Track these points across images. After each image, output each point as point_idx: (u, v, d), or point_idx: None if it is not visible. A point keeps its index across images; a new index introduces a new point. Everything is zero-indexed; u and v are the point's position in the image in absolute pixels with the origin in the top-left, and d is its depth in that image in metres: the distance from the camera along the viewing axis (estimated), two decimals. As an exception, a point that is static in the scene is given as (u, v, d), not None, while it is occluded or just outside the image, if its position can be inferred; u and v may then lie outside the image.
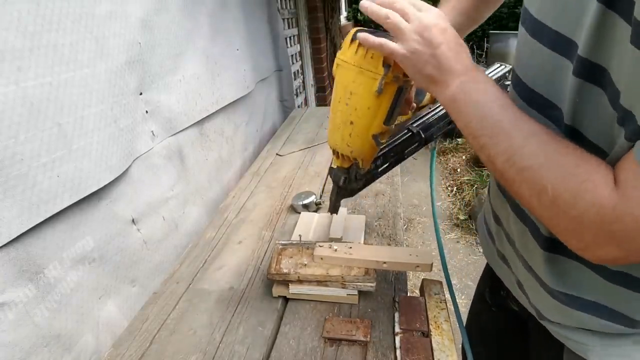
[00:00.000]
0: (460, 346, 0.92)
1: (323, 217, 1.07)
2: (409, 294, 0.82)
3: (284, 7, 2.60)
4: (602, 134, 0.41)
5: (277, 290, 0.82)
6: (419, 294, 0.84)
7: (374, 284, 0.77)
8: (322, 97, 3.52)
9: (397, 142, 0.76)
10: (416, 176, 3.31)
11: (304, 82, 3.20)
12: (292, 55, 2.72)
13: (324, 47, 3.33)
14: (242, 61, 1.60)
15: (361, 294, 0.80)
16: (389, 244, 0.98)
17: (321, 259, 0.82)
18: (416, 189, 3.15)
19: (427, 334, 0.70)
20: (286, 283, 0.81)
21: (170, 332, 0.77)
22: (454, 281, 2.12)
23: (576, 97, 0.43)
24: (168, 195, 1.07)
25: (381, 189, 1.23)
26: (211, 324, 0.78)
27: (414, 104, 0.71)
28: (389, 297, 0.80)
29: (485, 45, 6.30)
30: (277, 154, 1.64)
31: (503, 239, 0.66)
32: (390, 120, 0.59)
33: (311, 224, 1.04)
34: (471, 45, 6.67)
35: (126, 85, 0.88)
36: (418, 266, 0.76)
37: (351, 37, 0.55)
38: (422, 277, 1.26)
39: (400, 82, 0.55)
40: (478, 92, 0.46)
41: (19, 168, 0.63)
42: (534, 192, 0.41)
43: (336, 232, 0.95)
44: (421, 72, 0.49)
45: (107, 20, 0.81)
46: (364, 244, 0.95)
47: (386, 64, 0.53)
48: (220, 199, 1.36)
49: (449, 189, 3.10)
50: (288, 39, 2.63)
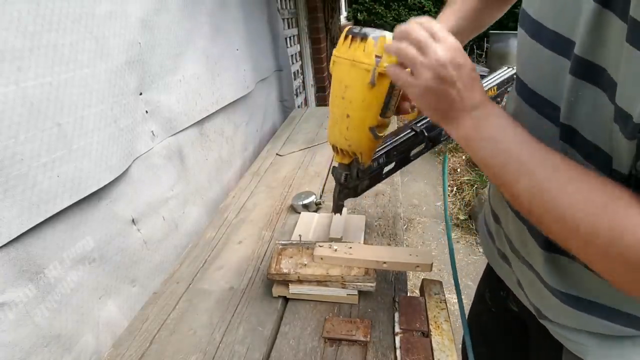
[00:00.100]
0: (461, 346, 0.92)
1: (323, 217, 1.07)
2: (409, 294, 0.82)
3: (284, 7, 2.60)
4: (599, 131, 0.41)
5: (277, 290, 0.82)
6: (419, 294, 0.84)
7: (374, 284, 0.77)
8: (322, 97, 3.51)
9: (400, 140, 0.76)
10: (416, 176, 3.31)
11: (304, 82, 3.19)
12: (292, 55, 2.71)
13: (324, 47, 3.33)
14: (242, 61, 1.60)
15: (361, 294, 0.80)
16: (389, 244, 0.98)
17: (321, 259, 0.82)
18: (416, 189, 3.15)
19: (427, 334, 0.70)
20: (286, 283, 0.81)
21: (170, 332, 0.77)
22: (454, 281, 2.11)
23: (572, 96, 0.43)
24: (168, 195, 1.07)
25: (381, 189, 1.23)
26: (211, 324, 0.78)
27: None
28: (389, 297, 0.80)
29: (485, 45, 6.31)
30: (277, 154, 1.64)
31: (503, 238, 0.66)
32: (386, 112, 0.59)
33: (311, 224, 1.04)
34: (471, 45, 6.68)
35: (126, 85, 0.88)
36: (418, 266, 0.76)
37: (345, 33, 0.56)
38: (422, 277, 1.26)
39: None
40: (492, 127, 0.45)
41: (19, 168, 0.63)
42: (567, 234, 0.40)
43: (336, 232, 0.95)
44: (433, 108, 0.48)
45: (107, 20, 0.81)
46: (364, 244, 0.95)
47: (377, 55, 0.53)
48: (220, 199, 1.36)
49: (449, 189, 3.10)
50: (288, 39, 2.63)
